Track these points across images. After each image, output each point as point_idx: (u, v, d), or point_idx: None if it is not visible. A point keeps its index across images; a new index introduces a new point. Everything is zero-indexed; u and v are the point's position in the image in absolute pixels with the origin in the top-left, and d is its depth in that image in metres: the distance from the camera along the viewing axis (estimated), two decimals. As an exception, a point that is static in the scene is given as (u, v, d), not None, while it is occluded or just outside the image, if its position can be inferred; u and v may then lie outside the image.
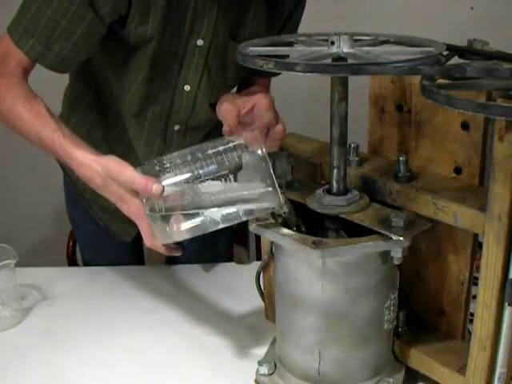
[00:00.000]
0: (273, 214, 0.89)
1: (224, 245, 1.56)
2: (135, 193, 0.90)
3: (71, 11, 0.99)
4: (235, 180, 0.87)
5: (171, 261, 1.53)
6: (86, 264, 1.52)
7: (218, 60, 1.15)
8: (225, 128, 0.96)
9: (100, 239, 1.45)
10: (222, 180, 0.87)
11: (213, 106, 1.17)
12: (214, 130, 1.22)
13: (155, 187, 0.85)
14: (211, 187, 0.87)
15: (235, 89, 1.28)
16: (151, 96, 1.17)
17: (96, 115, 1.26)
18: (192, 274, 1.33)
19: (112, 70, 1.16)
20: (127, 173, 0.89)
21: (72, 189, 1.39)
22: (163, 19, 1.06)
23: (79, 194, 1.38)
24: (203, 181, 0.87)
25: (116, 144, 1.26)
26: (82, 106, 1.27)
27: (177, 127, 1.22)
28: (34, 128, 1.00)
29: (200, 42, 1.11)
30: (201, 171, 0.87)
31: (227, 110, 1.01)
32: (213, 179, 0.87)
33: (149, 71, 1.12)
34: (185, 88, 1.16)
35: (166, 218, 0.88)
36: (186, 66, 1.14)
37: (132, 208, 0.92)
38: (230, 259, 1.57)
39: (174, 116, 1.20)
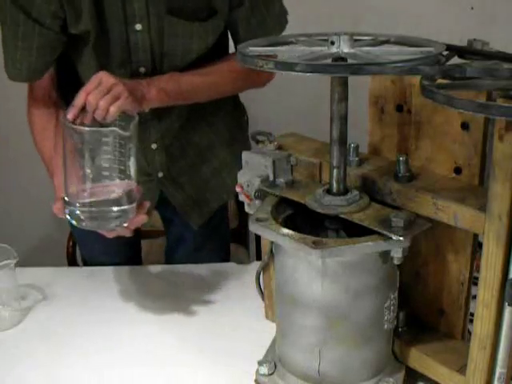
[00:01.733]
0: (273, 214, 0.89)
1: (219, 243, 1.57)
2: None
3: (21, 32, 1.12)
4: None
5: (169, 260, 1.54)
6: (86, 264, 1.52)
7: (162, 38, 1.18)
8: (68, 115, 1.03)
9: (97, 238, 1.45)
10: None
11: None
12: (188, 110, 1.28)
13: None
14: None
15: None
16: None
17: None
18: (192, 274, 1.33)
19: (78, 66, 1.23)
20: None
21: None
22: (94, 12, 1.12)
23: None
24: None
25: None
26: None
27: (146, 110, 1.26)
28: (47, 160, 1.22)
29: (138, 27, 1.15)
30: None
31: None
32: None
33: (97, 61, 1.18)
34: (141, 71, 1.20)
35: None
36: (133, 50, 1.18)
37: None
38: (226, 258, 1.59)
39: None
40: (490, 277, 0.79)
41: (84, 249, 1.54)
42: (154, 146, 1.30)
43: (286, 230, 0.84)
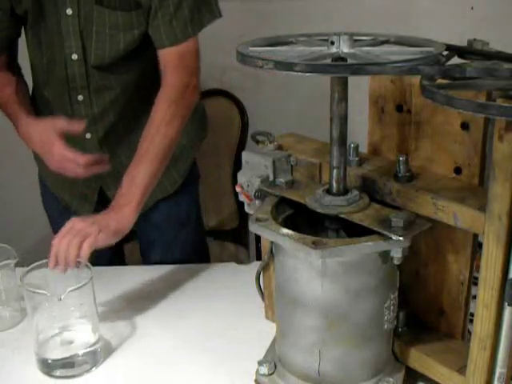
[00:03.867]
0: (273, 214, 0.89)
1: (191, 241, 1.57)
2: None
3: None
4: None
5: (146, 261, 1.54)
6: None
7: (91, 27, 1.23)
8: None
9: None
10: None
11: (102, 70, 1.27)
12: (122, 93, 1.32)
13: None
14: None
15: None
16: (48, 66, 1.29)
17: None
18: (192, 274, 1.33)
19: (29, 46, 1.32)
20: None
21: (54, 204, 1.51)
22: None
23: (62, 207, 1.48)
24: None
25: None
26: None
27: (80, 97, 1.30)
28: (3, 106, 1.31)
29: (69, 11, 1.21)
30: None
31: None
32: None
33: (36, 42, 1.27)
34: (73, 57, 1.26)
35: None
36: (65, 34, 1.24)
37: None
38: (204, 257, 1.59)
39: (73, 85, 1.29)
40: (489, 277, 0.79)
41: None
42: (88, 136, 1.35)
43: (285, 230, 0.84)
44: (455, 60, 0.84)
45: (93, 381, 1.02)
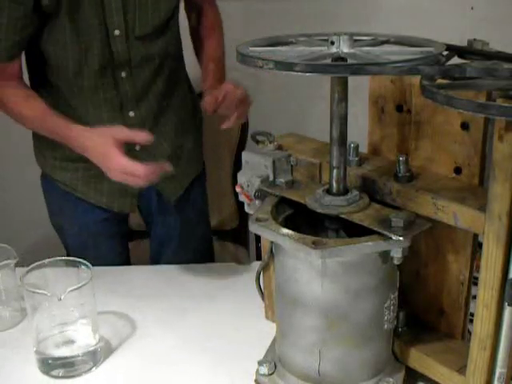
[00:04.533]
0: (273, 214, 0.89)
1: (201, 242, 1.60)
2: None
3: None
4: None
5: (154, 261, 1.55)
6: None
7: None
8: (204, 106, 1.23)
9: (86, 241, 1.48)
10: None
11: (143, 41, 1.30)
12: (156, 70, 1.36)
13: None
14: None
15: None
16: (87, 57, 1.27)
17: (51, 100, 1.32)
18: (192, 274, 1.33)
19: (46, 45, 1.27)
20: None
21: (59, 198, 1.47)
22: None
23: (69, 198, 1.44)
24: None
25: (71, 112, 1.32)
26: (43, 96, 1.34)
27: (123, 74, 1.31)
28: (39, 120, 1.25)
29: None
30: None
31: (207, 99, 1.24)
32: None
33: (70, 31, 1.23)
34: (115, 33, 1.26)
35: None
36: (108, 11, 1.23)
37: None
38: (210, 258, 1.62)
39: (117, 63, 1.29)
40: (489, 277, 0.79)
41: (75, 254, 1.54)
42: (131, 114, 1.36)
43: (285, 230, 0.84)
44: (455, 60, 0.84)
45: (93, 381, 1.02)
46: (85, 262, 1.05)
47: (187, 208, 1.52)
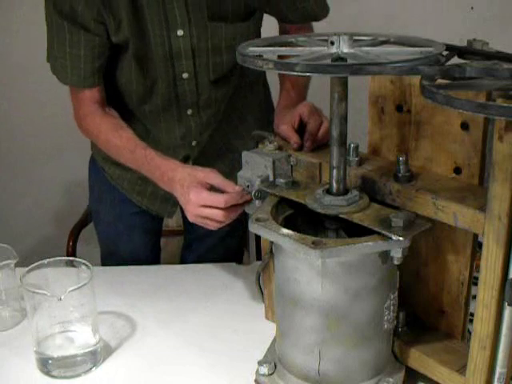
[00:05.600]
0: (273, 214, 0.89)
1: (235, 242, 1.59)
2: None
3: (68, 39, 1.18)
4: None
5: (184, 260, 1.57)
6: (104, 261, 1.54)
7: (205, 43, 1.22)
8: (294, 146, 1.05)
9: (119, 232, 1.50)
10: None
11: (215, 84, 1.27)
12: (225, 105, 1.34)
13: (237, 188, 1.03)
14: None
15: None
16: (152, 92, 1.26)
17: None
18: (192, 274, 1.33)
19: (120, 79, 1.28)
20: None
21: (102, 185, 1.47)
22: (133, 20, 1.16)
23: (111, 186, 1.45)
24: None
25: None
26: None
27: (190, 111, 1.30)
28: (128, 151, 1.20)
29: (180, 33, 1.20)
30: None
31: (285, 130, 1.09)
32: None
33: (135, 67, 1.23)
34: (183, 76, 1.24)
35: None
36: (175, 55, 1.22)
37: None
38: (241, 257, 1.62)
39: (183, 102, 1.28)
40: (489, 277, 0.79)
41: (105, 244, 1.56)
42: (194, 143, 1.35)
43: (285, 230, 0.84)
44: (455, 60, 0.84)
45: (93, 381, 1.02)
46: (85, 261, 1.05)
47: None
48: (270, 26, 1.35)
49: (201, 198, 1.04)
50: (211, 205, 1.03)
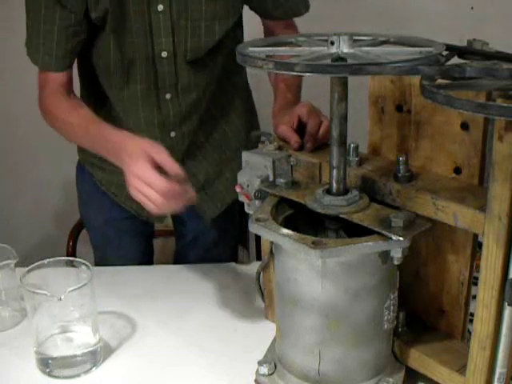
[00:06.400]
0: (273, 214, 0.89)
1: (227, 247, 1.58)
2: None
3: (42, 14, 1.15)
4: None
5: (178, 261, 1.54)
6: (97, 265, 1.53)
7: (184, 21, 1.21)
8: (294, 146, 1.04)
9: (110, 236, 1.49)
10: None
11: (193, 66, 1.25)
12: (205, 91, 1.31)
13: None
14: None
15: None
16: (130, 73, 1.24)
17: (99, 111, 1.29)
18: (192, 274, 1.33)
19: (91, 58, 1.25)
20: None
21: (91, 190, 1.45)
22: None
23: (99, 191, 1.43)
24: None
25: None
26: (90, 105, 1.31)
27: (168, 96, 1.28)
28: (83, 128, 1.17)
29: (160, 7, 1.18)
30: None
31: (285, 130, 1.08)
32: None
33: (114, 44, 1.20)
34: (162, 55, 1.22)
35: None
36: (155, 32, 1.20)
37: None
38: (234, 260, 1.59)
39: (162, 84, 1.26)
40: (489, 277, 0.79)
41: (97, 249, 1.55)
42: (172, 134, 1.33)
43: (285, 230, 0.84)
44: (455, 60, 0.84)
45: (93, 381, 1.02)
46: (85, 261, 1.05)
47: (220, 216, 1.48)
48: (257, 22, 1.36)
49: (143, 172, 1.00)
50: (150, 184, 0.99)
